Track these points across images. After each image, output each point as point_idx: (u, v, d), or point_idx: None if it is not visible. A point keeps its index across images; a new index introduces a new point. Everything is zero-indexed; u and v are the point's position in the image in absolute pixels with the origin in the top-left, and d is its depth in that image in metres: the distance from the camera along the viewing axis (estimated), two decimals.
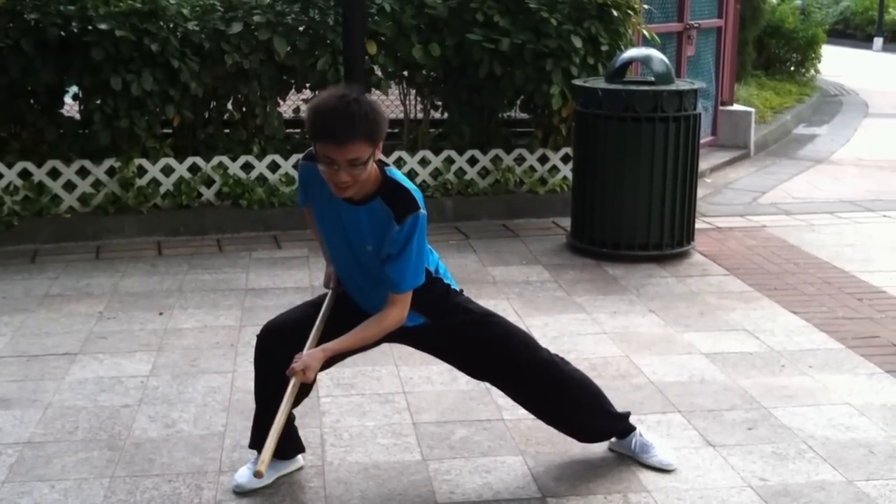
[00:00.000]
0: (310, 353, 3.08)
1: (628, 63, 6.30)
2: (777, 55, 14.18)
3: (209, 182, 6.66)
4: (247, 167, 6.73)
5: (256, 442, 3.40)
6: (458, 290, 3.37)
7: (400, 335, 3.27)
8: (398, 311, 3.09)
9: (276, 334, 3.28)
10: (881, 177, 8.73)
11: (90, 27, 6.11)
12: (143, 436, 3.73)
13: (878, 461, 3.56)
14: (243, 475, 3.37)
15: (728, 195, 7.93)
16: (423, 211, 3.02)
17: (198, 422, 3.85)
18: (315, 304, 3.36)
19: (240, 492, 3.34)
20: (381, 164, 3.07)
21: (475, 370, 3.44)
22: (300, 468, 3.50)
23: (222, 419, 3.87)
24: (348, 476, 3.45)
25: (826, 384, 4.22)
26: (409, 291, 3.08)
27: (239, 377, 4.27)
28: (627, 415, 3.58)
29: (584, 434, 3.55)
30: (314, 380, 3.14)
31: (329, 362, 3.22)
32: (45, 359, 4.48)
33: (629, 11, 6.93)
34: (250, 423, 3.77)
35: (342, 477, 3.44)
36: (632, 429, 3.56)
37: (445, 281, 3.31)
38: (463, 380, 4.23)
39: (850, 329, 4.89)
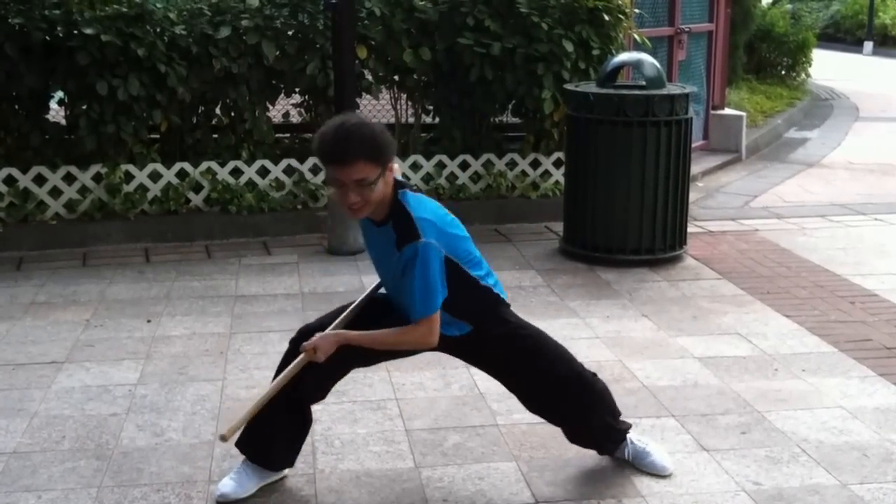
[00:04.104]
0: (324, 334, 3.13)
1: (620, 67, 6.29)
2: (768, 59, 14.21)
3: (197, 188, 6.61)
4: (236, 172, 6.69)
5: (251, 449, 3.36)
6: (506, 300, 3.37)
7: (444, 345, 3.26)
8: (420, 332, 3.09)
9: (308, 337, 3.26)
10: (872, 180, 8.74)
11: (75, 31, 6.07)
12: (131, 445, 3.69)
13: (871, 464, 3.55)
14: (227, 485, 3.32)
15: (720, 199, 7.92)
16: (424, 240, 2.99)
17: (187, 430, 3.81)
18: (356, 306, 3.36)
19: (224, 501, 3.29)
20: (399, 186, 3.10)
21: (512, 384, 3.42)
22: (283, 477, 3.45)
23: (211, 427, 3.83)
24: (340, 484, 3.41)
25: (819, 388, 4.21)
26: (426, 318, 3.06)
27: (228, 385, 4.22)
28: (627, 428, 3.56)
29: (596, 447, 3.56)
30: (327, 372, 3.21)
31: (356, 360, 3.30)
32: (31, 367, 4.43)
33: (620, 16, 6.92)
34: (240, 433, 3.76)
35: (334, 485, 3.41)
36: (623, 439, 3.53)
37: (495, 291, 3.31)
38: (456, 385, 4.21)
39: (842, 332, 4.88)
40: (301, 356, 3.13)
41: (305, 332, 3.30)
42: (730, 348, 4.66)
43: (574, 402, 3.39)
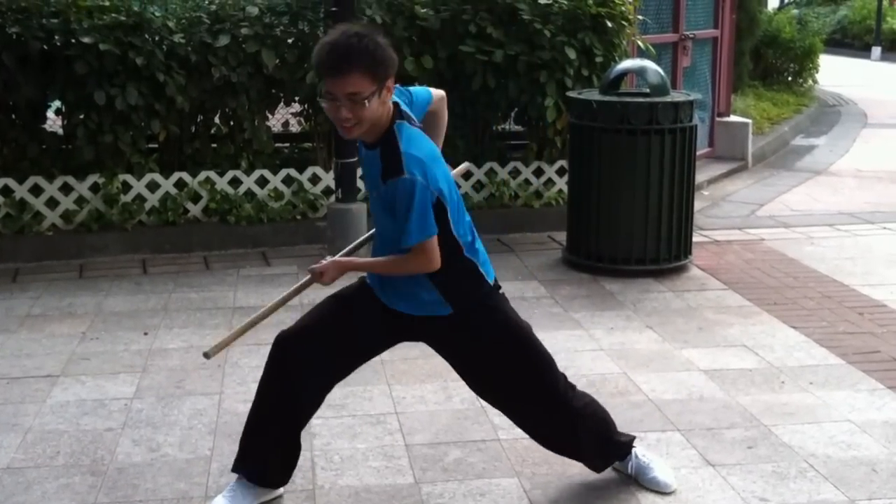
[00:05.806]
0: (334, 259, 3.08)
1: (623, 74, 6.24)
2: (774, 65, 14.15)
3: (196, 198, 6.56)
4: (234, 182, 6.64)
5: (246, 465, 3.29)
6: (492, 283, 3.18)
7: (423, 330, 3.16)
8: (419, 260, 2.94)
9: (296, 339, 3.24)
10: (880, 188, 8.67)
11: (73, 41, 6.02)
12: (126, 460, 3.65)
13: (880, 480, 3.49)
14: None
15: (726, 208, 7.86)
16: (407, 176, 2.83)
17: (183, 445, 3.76)
18: (334, 313, 3.25)
19: None
20: (399, 116, 2.96)
21: (485, 387, 3.32)
22: (279, 496, 3.39)
23: (209, 443, 3.78)
24: (339, 500, 3.37)
25: (827, 401, 4.15)
26: (422, 243, 2.90)
27: (226, 399, 4.17)
28: (631, 441, 3.48)
29: (586, 462, 3.46)
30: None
31: (353, 359, 3.30)
32: (26, 381, 4.38)
33: (623, 22, 6.87)
34: (238, 447, 3.69)
35: (333, 501, 3.36)
36: (629, 452, 3.47)
37: (481, 270, 3.12)
38: (457, 398, 4.15)
39: (850, 344, 4.81)
40: (306, 278, 3.07)
41: (284, 338, 3.26)
42: (736, 360, 4.59)
43: (556, 424, 3.31)
